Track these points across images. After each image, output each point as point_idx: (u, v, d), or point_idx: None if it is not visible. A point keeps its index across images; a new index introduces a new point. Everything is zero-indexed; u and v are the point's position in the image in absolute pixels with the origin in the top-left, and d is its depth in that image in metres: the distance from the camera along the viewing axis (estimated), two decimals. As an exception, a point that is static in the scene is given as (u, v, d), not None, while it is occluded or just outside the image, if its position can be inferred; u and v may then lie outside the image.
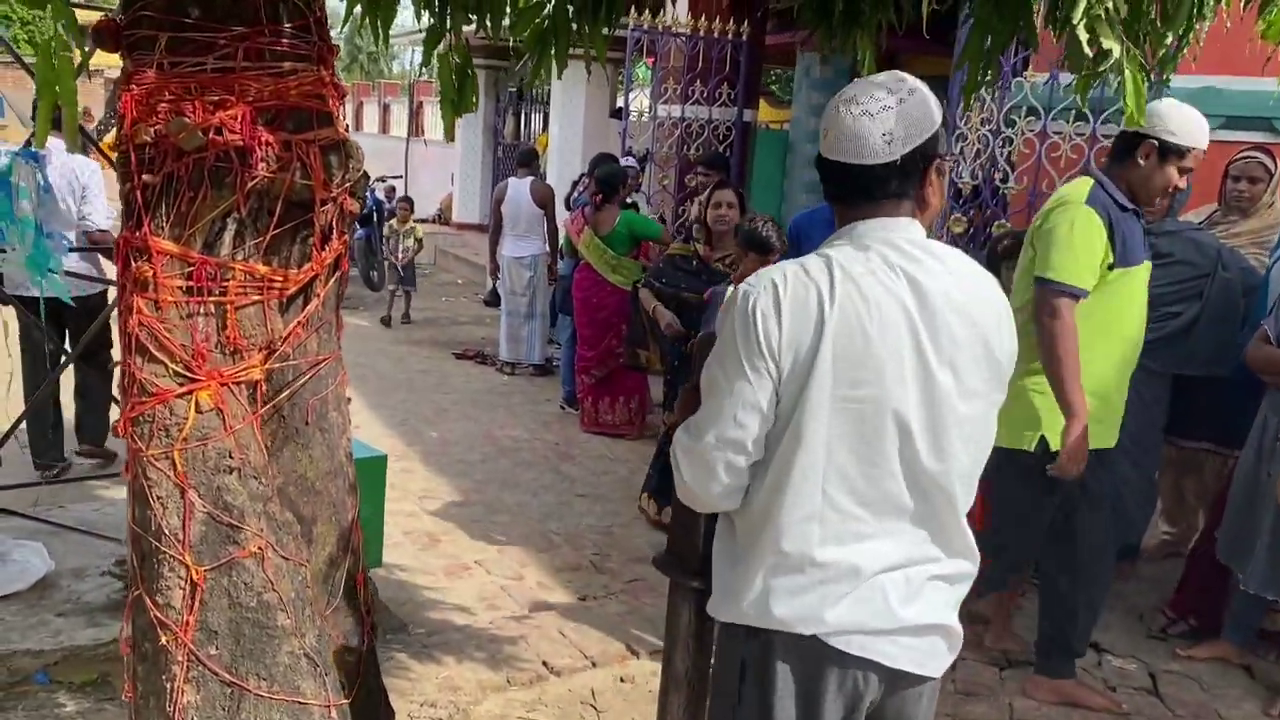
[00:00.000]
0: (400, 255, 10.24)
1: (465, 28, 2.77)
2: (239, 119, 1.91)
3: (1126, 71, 2.10)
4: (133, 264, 1.95)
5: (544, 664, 3.74)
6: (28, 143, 3.62)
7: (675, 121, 8.86)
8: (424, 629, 3.97)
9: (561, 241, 7.63)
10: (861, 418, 1.68)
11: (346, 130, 2.25)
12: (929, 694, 1.88)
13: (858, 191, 1.75)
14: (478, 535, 5.05)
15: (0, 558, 3.65)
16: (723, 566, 1.87)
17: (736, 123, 8.98)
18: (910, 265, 1.71)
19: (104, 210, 4.66)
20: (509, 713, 3.41)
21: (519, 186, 8.33)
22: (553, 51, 3.28)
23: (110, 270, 7.43)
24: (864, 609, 1.73)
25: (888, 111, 1.70)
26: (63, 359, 4.08)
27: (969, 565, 1.84)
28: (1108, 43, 1.99)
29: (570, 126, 11.61)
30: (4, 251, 3.56)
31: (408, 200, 11.11)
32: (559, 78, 3.34)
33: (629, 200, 7.32)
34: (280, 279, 2.06)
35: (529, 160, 9.03)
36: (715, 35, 8.68)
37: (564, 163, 11.39)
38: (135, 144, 1.94)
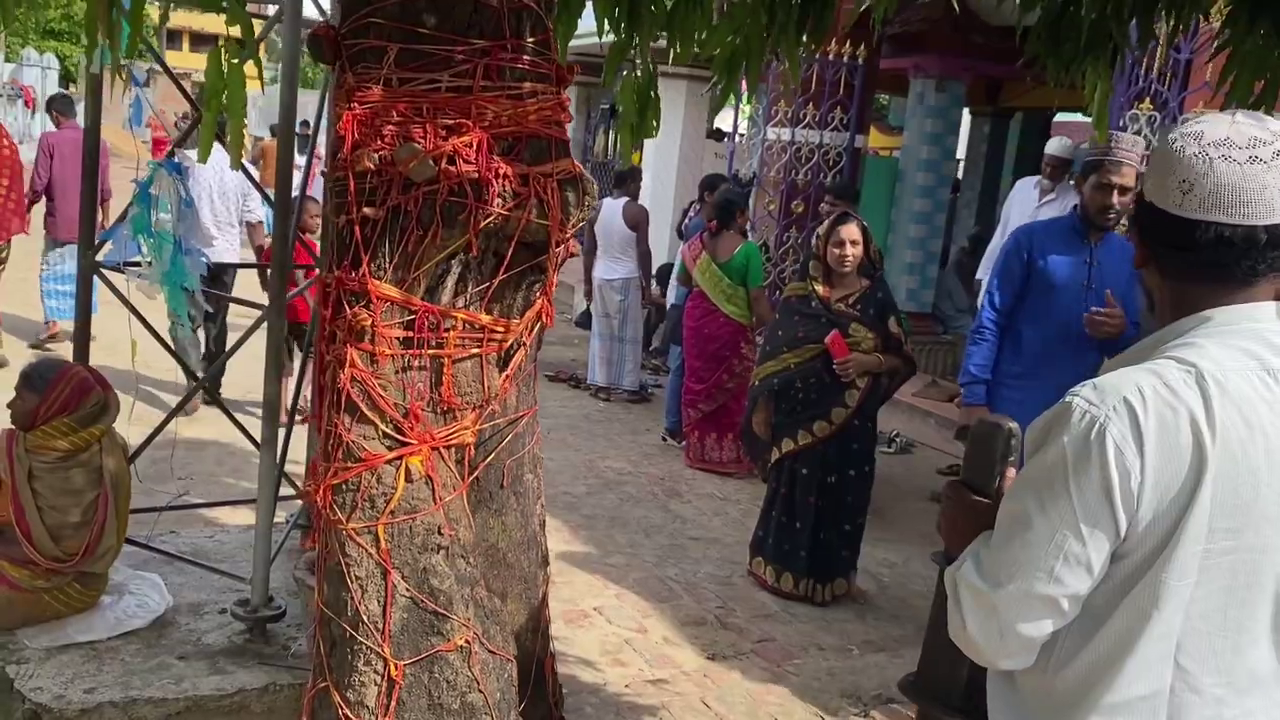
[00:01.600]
0: None
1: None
2: (475, 147, 1.64)
3: None
4: (346, 309, 1.69)
5: (693, 740, 3.44)
6: (170, 153, 3.42)
7: (784, 145, 8.58)
8: (554, 688, 3.69)
9: (677, 268, 7.33)
10: (1235, 573, 1.33)
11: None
12: None
13: (1236, 266, 1.36)
14: (593, 578, 4.77)
15: (117, 589, 3.44)
16: None
17: (848, 148, 8.66)
18: None
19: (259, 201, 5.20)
20: (659, 796, 3.12)
21: (613, 207, 8.07)
22: (743, 73, 3.01)
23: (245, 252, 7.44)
24: None
25: (1279, 158, 1.37)
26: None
27: None
28: None
29: (666, 146, 11.36)
30: (140, 265, 3.36)
31: None
32: (748, 103, 3.05)
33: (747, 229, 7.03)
34: (502, 329, 1.79)
35: (625, 180, 8.78)
36: (830, 58, 8.39)
37: (658, 183, 11.14)
38: (355, 171, 1.68)
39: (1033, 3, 2.74)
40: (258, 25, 3.05)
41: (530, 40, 1.74)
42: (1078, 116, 11.12)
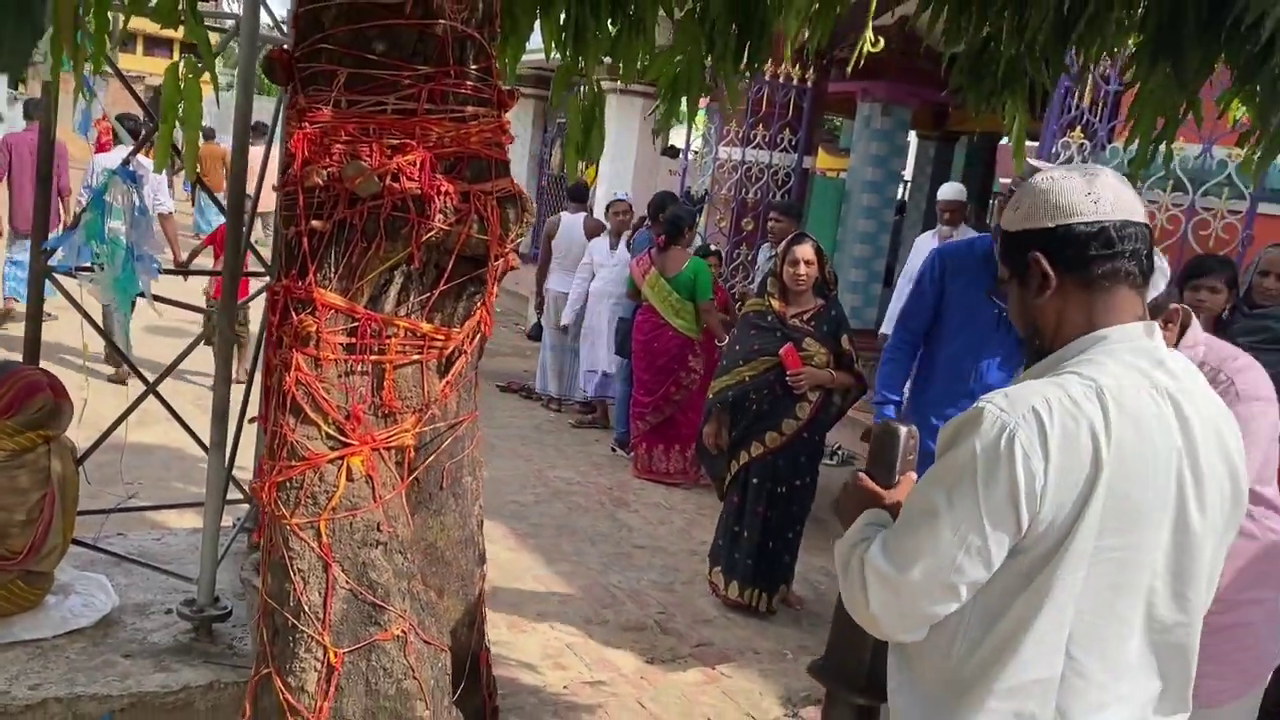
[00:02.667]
0: None
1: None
2: (419, 165, 1.76)
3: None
4: (293, 315, 1.79)
5: (627, 739, 3.55)
6: (126, 161, 3.48)
7: (735, 164, 8.76)
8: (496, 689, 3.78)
9: (625, 283, 7.48)
10: (1120, 570, 1.47)
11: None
12: None
13: (1132, 268, 1.50)
14: (538, 585, 4.87)
15: (63, 589, 3.48)
16: (912, 711, 1.63)
17: (796, 169, 8.87)
18: (1174, 385, 1.48)
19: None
20: (594, 791, 3.22)
21: (573, 222, 8.21)
22: (684, 99, 3.15)
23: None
24: None
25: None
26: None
27: (1184, 717, 1.64)
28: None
29: (621, 161, 11.49)
30: (93, 270, 3.42)
31: None
32: (690, 124, 3.18)
33: (713, 248, 7.19)
34: (442, 338, 1.90)
35: (582, 195, 8.92)
36: (780, 81, 8.61)
37: (612, 198, 11.27)
38: (305, 186, 1.78)
39: (956, 38, 2.91)
40: (216, 37, 3.14)
41: (474, 67, 1.86)
42: (1027, 142, 11.44)
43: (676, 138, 12.86)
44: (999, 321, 3.90)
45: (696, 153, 9.18)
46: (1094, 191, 1.52)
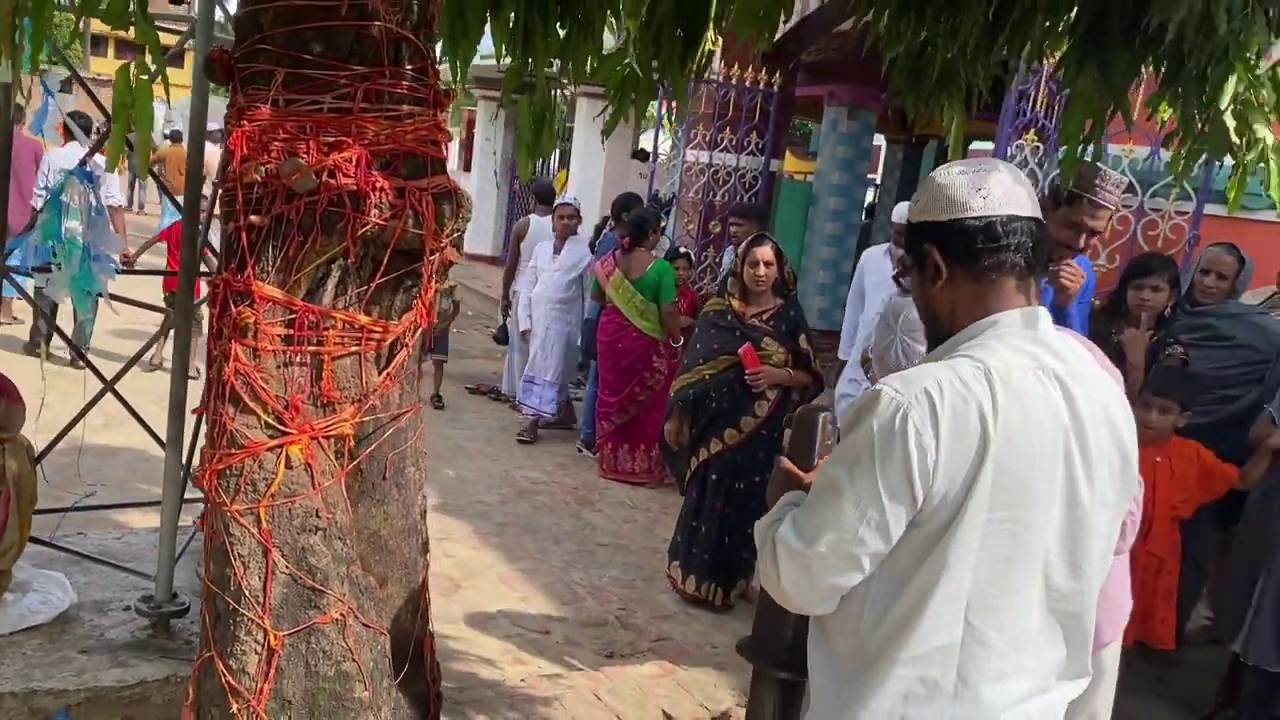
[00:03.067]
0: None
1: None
2: (355, 162, 1.82)
3: (1273, 161, 2.03)
4: (232, 308, 1.85)
5: (581, 729, 3.61)
6: (83, 162, 3.52)
7: (703, 167, 8.85)
8: (452, 682, 3.82)
9: (591, 285, 7.52)
10: (1013, 544, 1.55)
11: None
12: None
13: (1018, 260, 1.59)
14: (500, 583, 4.92)
15: (21, 587, 3.50)
16: (829, 685, 1.70)
17: (763, 172, 8.96)
18: (1061, 368, 1.57)
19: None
20: (546, 780, 3.28)
21: (541, 224, 8.27)
22: (633, 99, 3.22)
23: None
24: None
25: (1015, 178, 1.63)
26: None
27: (1084, 683, 1.72)
28: (1260, 130, 1.93)
29: (591, 165, 11.58)
30: (50, 270, 3.45)
31: None
32: (638, 126, 3.24)
33: (682, 250, 7.24)
34: (380, 330, 1.96)
35: (549, 197, 8.98)
36: (747, 84, 8.70)
37: (583, 200, 11.34)
38: (243, 183, 1.84)
39: (894, 43, 2.99)
40: (175, 38, 3.19)
41: (409, 67, 1.92)
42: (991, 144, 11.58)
43: (647, 141, 12.94)
44: None
45: (665, 156, 9.26)
46: (984, 188, 1.60)
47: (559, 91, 2.89)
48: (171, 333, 3.30)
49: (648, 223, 6.81)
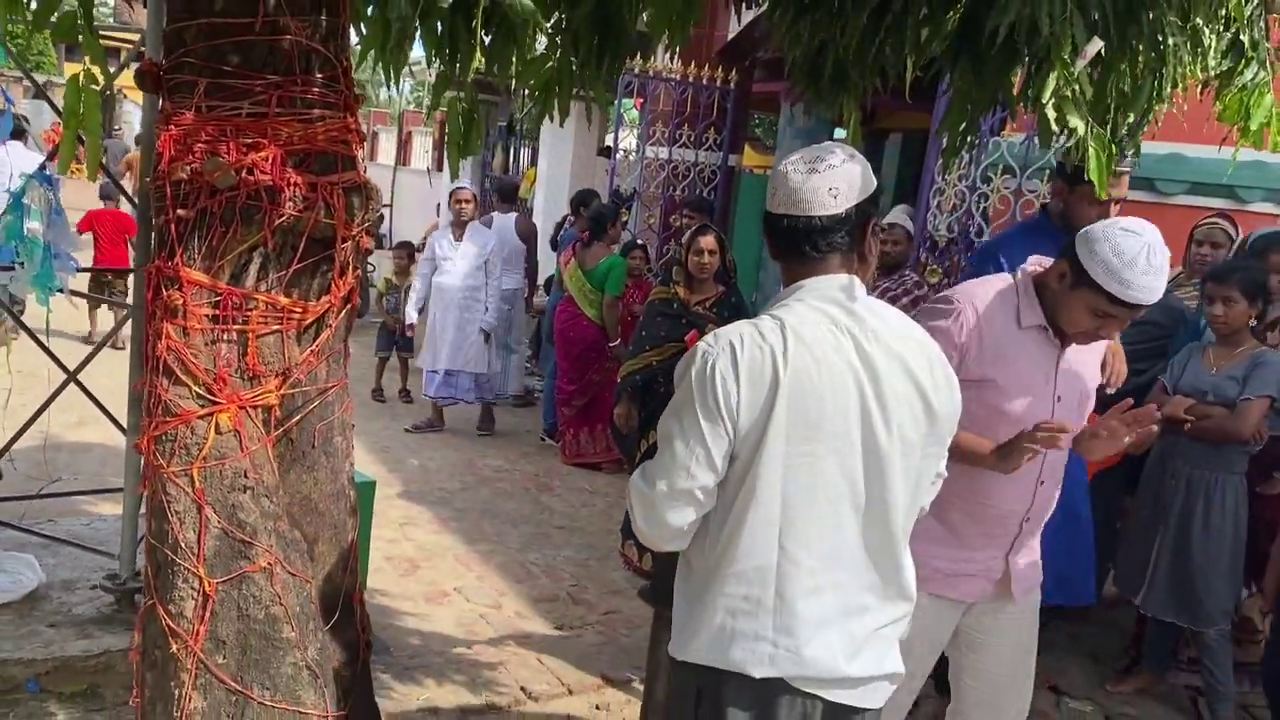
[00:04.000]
0: (395, 314, 8.17)
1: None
2: (270, 160, 2.05)
3: (1091, 148, 2.28)
4: (164, 292, 2.08)
5: (522, 689, 3.84)
6: (42, 166, 3.73)
7: (662, 163, 9.08)
8: (405, 652, 4.06)
9: (555, 276, 7.71)
10: (813, 473, 1.79)
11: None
12: (872, 717, 1.96)
13: (805, 246, 1.85)
14: (457, 563, 5.15)
15: (-8, 569, 3.72)
16: (681, 605, 1.95)
17: (721, 167, 9.20)
18: (855, 325, 1.81)
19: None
20: (488, 735, 3.52)
21: (504, 221, 8.49)
22: (556, 98, 3.45)
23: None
24: (812, 664, 1.82)
25: (832, 170, 1.86)
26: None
27: (908, 606, 1.94)
28: (1073, 121, 2.17)
29: (558, 163, 11.81)
30: (14, 269, 3.66)
31: (407, 248, 8.99)
32: (561, 125, 3.49)
33: (640, 243, 7.43)
34: (299, 310, 2.19)
35: (511, 195, 9.21)
36: (704, 81, 8.93)
37: (550, 198, 11.59)
38: (171, 180, 2.08)
39: (795, 42, 3.23)
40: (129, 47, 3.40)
41: (319, 75, 2.15)
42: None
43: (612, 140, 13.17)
44: None
45: (625, 152, 9.49)
46: (774, 189, 1.89)
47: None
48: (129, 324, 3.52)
49: (606, 217, 7.05)
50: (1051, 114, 2.20)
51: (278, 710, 2.15)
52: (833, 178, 1.83)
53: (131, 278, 3.43)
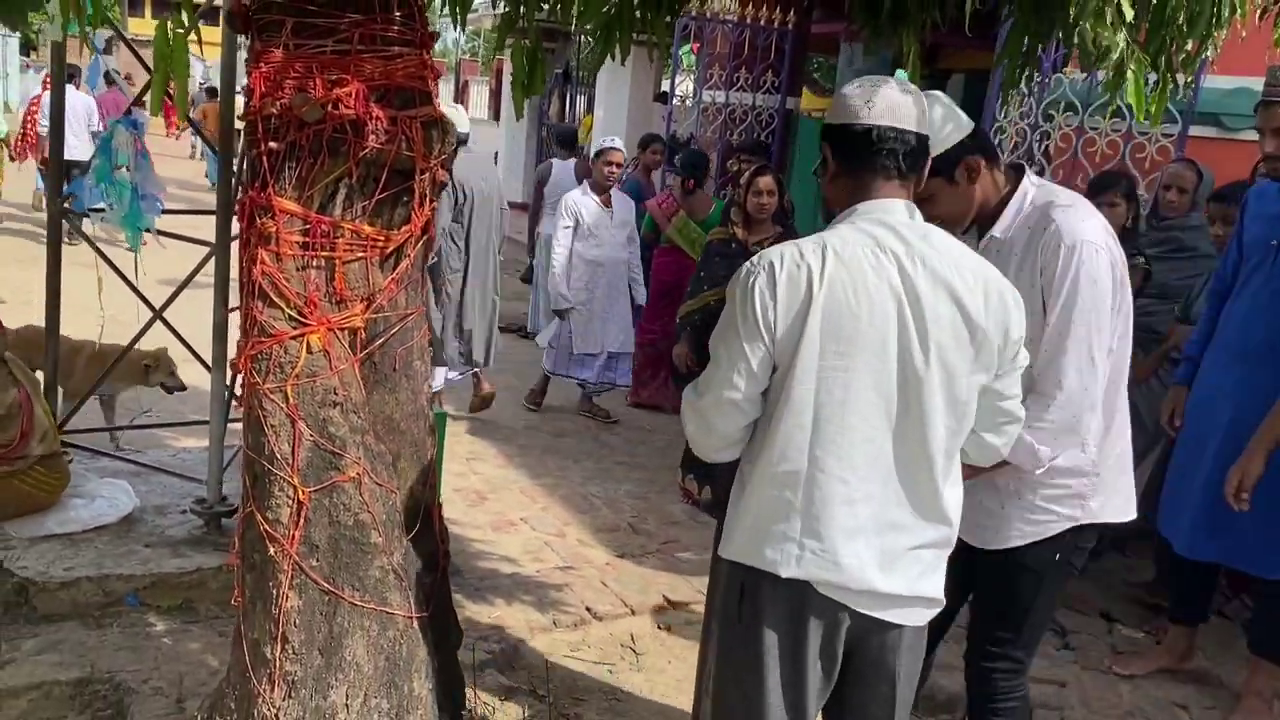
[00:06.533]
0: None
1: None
2: (354, 95, 2.18)
3: (1129, 71, 2.29)
4: (258, 220, 2.23)
5: (587, 609, 4.02)
6: (128, 110, 3.91)
7: (719, 107, 9.09)
8: (475, 575, 4.26)
9: (645, 223, 7.18)
10: (846, 387, 1.87)
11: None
12: (910, 636, 2.01)
13: (887, 163, 1.90)
14: (522, 495, 5.34)
15: (90, 494, 3.97)
16: (730, 509, 2.07)
17: (779, 110, 9.19)
18: (902, 247, 1.87)
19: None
20: (554, 650, 3.70)
21: (564, 168, 8.57)
22: (617, 39, 3.53)
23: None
24: (840, 571, 1.90)
25: (932, 106, 1.94)
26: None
27: (948, 530, 1.98)
28: (1107, 39, 2.19)
29: (615, 109, 11.84)
30: (105, 210, 3.87)
31: None
32: (623, 64, 3.56)
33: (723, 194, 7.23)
34: (382, 239, 2.33)
35: (571, 142, 9.27)
36: (762, 23, 8.89)
37: (602, 144, 11.60)
38: (262, 115, 2.21)
39: (854, -23, 3.27)
40: None
41: (397, 14, 2.27)
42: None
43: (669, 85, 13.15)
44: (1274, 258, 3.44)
45: (682, 97, 9.51)
46: (872, 100, 1.93)
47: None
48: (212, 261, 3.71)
49: (705, 161, 6.96)
50: (1089, 34, 2.22)
51: (367, 610, 2.32)
52: (934, 111, 1.94)
53: (215, 219, 3.61)
